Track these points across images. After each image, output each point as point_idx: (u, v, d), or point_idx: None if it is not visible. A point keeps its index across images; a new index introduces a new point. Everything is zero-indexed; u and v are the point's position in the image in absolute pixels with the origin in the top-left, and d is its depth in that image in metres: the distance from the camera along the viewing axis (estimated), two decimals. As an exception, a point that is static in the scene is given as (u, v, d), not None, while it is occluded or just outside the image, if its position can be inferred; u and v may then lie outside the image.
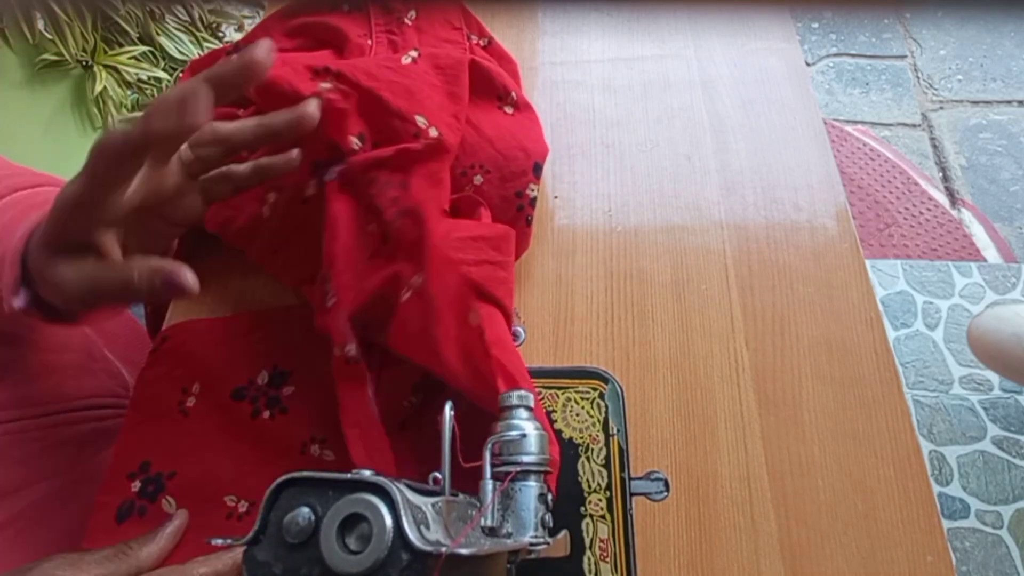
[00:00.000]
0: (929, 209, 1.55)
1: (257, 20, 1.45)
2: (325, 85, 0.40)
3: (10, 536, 0.44)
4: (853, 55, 1.81)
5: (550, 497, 0.34)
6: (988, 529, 1.19)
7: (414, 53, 0.46)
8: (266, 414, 0.42)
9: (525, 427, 0.33)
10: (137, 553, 0.36)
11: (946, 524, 1.20)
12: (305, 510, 0.23)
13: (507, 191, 0.46)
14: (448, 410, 0.32)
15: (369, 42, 0.49)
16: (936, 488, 1.24)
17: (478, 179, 0.46)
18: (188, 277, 0.33)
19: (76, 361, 0.52)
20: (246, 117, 0.45)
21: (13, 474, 0.45)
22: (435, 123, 0.42)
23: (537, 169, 0.47)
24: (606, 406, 0.44)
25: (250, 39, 0.50)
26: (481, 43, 0.54)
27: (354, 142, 0.41)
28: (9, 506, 0.44)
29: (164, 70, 1.25)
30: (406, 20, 0.51)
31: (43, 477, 0.46)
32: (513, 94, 0.49)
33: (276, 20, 0.52)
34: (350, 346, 0.38)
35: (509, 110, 0.49)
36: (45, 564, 0.34)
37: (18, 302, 0.36)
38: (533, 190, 0.47)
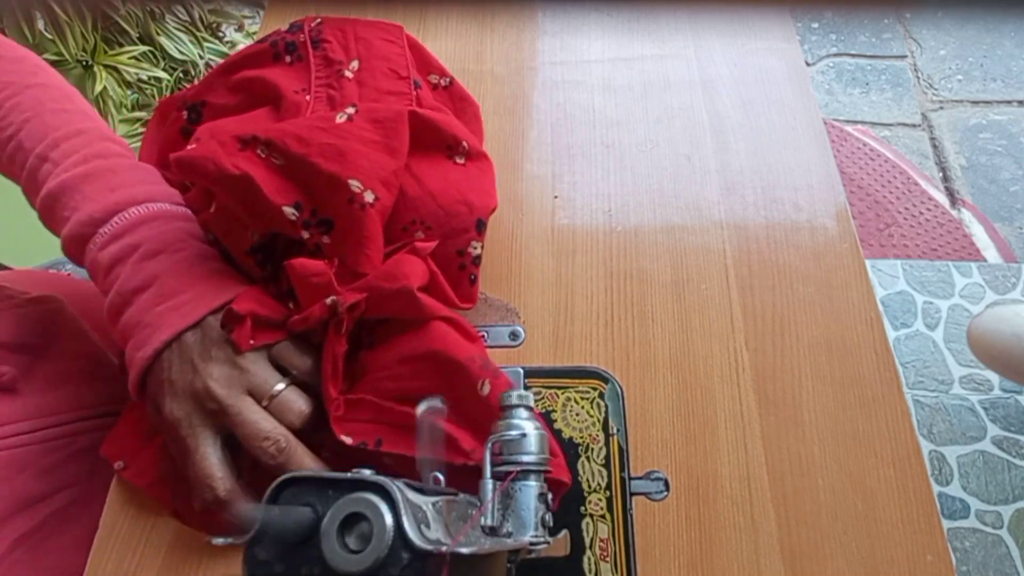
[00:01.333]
0: (929, 209, 1.55)
1: (257, 20, 1.45)
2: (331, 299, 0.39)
3: (33, 545, 0.44)
4: (853, 55, 1.81)
5: (550, 497, 0.34)
6: (988, 529, 1.19)
7: (351, 110, 0.43)
8: None
9: (525, 427, 0.33)
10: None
11: (946, 524, 1.20)
12: (306, 509, 0.23)
13: (449, 249, 0.44)
14: (441, 405, 0.32)
15: (307, 98, 0.47)
16: (936, 488, 1.24)
17: (419, 235, 0.44)
18: None
19: (86, 368, 0.52)
20: (195, 189, 0.45)
21: (38, 484, 0.46)
22: (371, 186, 0.40)
23: (480, 226, 0.45)
24: (606, 406, 0.44)
25: (197, 94, 0.49)
26: (443, 83, 0.52)
27: (290, 212, 0.40)
28: (33, 516, 0.45)
29: (164, 70, 1.25)
30: (347, 73, 0.48)
31: (63, 486, 0.47)
32: (464, 143, 0.47)
33: (218, 75, 0.50)
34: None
35: (460, 160, 0.47)
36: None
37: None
38: (476, 248, 0.44)
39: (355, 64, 0.49)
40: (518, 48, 0.64)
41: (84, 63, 1.16)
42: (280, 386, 0.39)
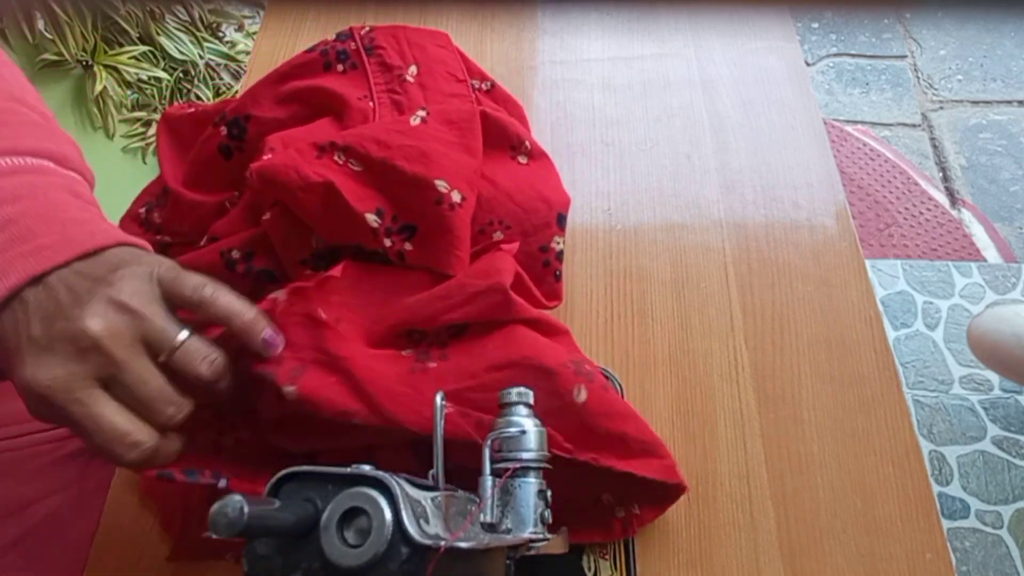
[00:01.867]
0: (929, 209, 1.55)
1: (257, 20, 1.45)
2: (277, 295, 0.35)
3: (24, 551, 0.44)
4: (853, 55, 1.81)
5: (549, 494, 0.34)
6: (988, 529, 1.19)
7: (422, 112, 0.42)
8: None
9: (525, 423, 0.33)
10: None
11: (946, 524, 1.20)
12: (306, 504, 0.23)
13: (531, 246, 0.43)
14: (440, 400, 0.32)
15: (371, 104, 0.46)
16: (936, 488, 1.24)
17: (498, 235, 0.42)
18: None
19: None
20: (236, 209, 0.43)
21: (24, 489, 0.45)
22: (457, 185, 0.39)
23: (561, 220, 0.44)
24: (606, 404, 0.44)
25: (239, 108, 0.46)
26: (484, 87, 0.51)
27: (372, 219, 0.38)
28: (22, 521, 0.44)
29: (164, 70, 1.25)
30: (408, 77, 0.47)
31: (53, 491, 0.46)
32: (527, 143, 0.46)
33: (265, 86, 0.47)
34: None
35: (523, 160, 0.46)
36: None
37: None
38: (559, 243, 0.44)
39: (414, 69, 0.48)
40: (518, 47, 0.64)
41: (84, 63, 1.16)
42: (183, 334, 0.31)
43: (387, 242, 0.39)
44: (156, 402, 0.30)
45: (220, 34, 1.38)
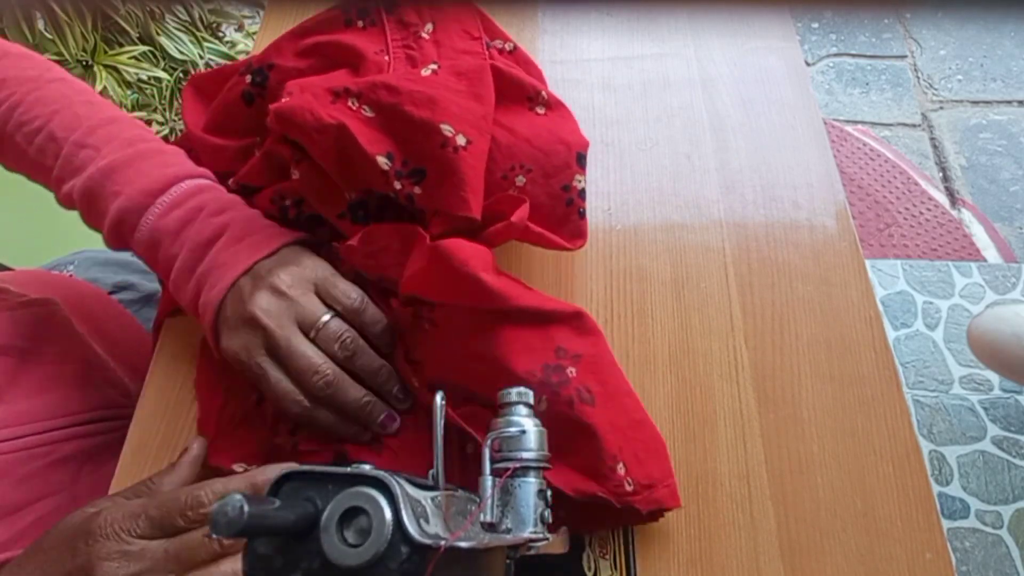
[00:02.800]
0: (929, 209, 1.55)
1: (257, 20, 1.45)
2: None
3: (13, 555, 0.44)
4: (853, 55, 1.81)
5: (549, 494, 0.34)
6: (988, 529, 1.19)
7: (434, 66, 0.44)
8: None
9: (525, 423, 0.33)
10: (159, 486, 0.38)
11: (946, 524, 1.20)
12: (305, 503, 0.23)
13: (553, 187, 0.45)
14: (439, 400, 0.32)
15: (386, 58, 0.48)
16: (936, 488, 1.24)
17: (520, 180, 0.44)
18: None
19: (76, 373, 0.52)
20: (257, 157, 0.46)
21: (16, 493, 0.45)
22: (462, 129, 0.41)
23: (581, 159, 0.46)
24: (606, 404, 0.44)
25: (263, 58, 0.49)
26: (507, 48, 0.53)
27: (383, 162, 0.40)
28: (12, 524, 0.44)
29: (164, 70, 1.25)
30: (423, 34, 0.50)
31: (46, 494, 0.46)
32: (543, 93, 0.48)
33: (288, 40, 0.50)
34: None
35: (541, 110, 0.48)
36: (79, 512, 0.36)
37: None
38: (580, 181, 0.45)
39: (430, 26, 0.50)
40: (518, 47, 0.64)
41: (84, 63, 1.16)
42: (326, 317, 0.40)
43: (397, 185, 0.41)
44: (303, 372, 0.38)
45: (220, 34, 1.38)
